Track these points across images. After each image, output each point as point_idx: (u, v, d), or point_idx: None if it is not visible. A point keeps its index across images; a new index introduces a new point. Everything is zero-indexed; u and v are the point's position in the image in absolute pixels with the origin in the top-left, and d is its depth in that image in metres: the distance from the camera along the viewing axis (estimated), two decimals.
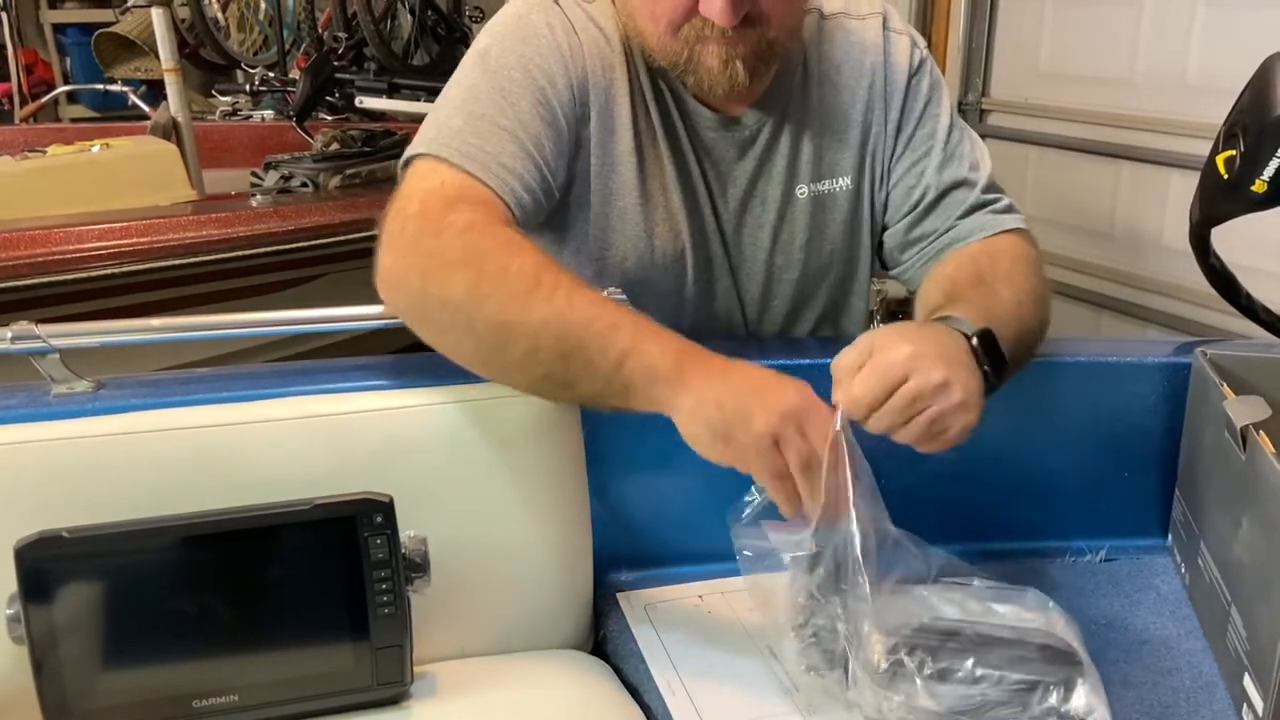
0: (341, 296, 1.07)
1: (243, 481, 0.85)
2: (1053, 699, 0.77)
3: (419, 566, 0.84)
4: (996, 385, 0.87)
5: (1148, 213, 2.58)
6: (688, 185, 1.07)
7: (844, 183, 1.11)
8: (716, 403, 0.79)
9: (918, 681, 0.77)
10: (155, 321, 0.97)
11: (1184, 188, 2.39)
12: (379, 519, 0.81)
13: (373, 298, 1.07)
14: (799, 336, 1.17)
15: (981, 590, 0.86)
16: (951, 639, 0.79)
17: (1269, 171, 1.02)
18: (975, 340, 0.86)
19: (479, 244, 0.87)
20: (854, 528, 0.79)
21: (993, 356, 0.86)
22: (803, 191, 1.10)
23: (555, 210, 1.06)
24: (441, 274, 0.86)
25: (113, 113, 4.43)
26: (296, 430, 0.89)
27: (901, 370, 0.80)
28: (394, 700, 0.85)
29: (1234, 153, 1.03)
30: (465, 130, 0.96)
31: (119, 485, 0.84)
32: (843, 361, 0.83)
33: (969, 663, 0.77)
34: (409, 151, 0.99)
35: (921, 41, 1.13)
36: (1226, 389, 0.91)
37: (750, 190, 1.10)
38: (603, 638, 0.99)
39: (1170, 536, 1.08)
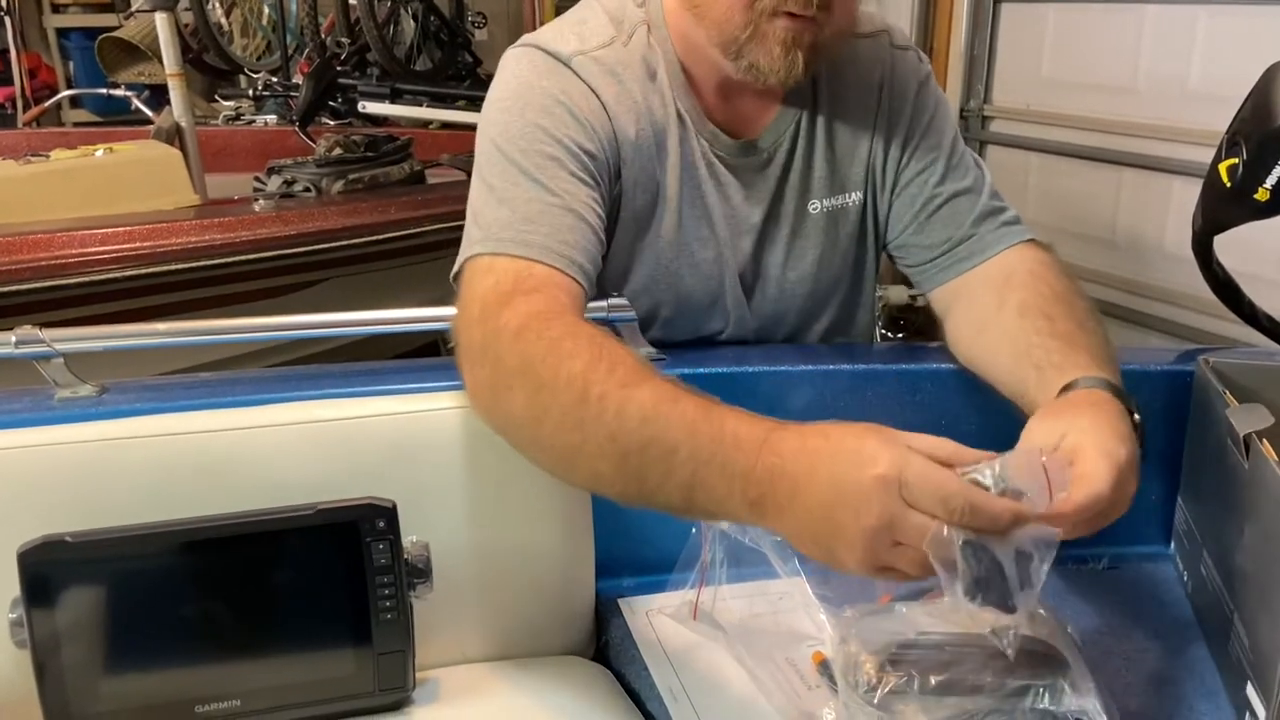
0: (344, 301, 1.07)
1: (246, 486, 0.85)
2: (1044, 701, 0.77)
3: (421, 572, 0.84)
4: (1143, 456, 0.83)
5: (1149, 220, 2.58)
6: (706, 217, 1.06)
7: (855, 197, 1.11)
8: (799, 540, 0.70)
9: (910, 699, 0.77)
10: (160, 326, 0.98)
11: (1186, 195, 2.39)
12: (382, 524, 0.81)
13: (374, 303, 1.07)
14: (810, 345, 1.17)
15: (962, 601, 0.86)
16: (937, 653, 0.79)
17: (1271, 180, 1.02)
18: (1136, 419, 0.82)
19: (531, 349, 0.80)
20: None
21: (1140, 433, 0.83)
22: (815, 207, 1.10)
23: None
24: (503, 388, 0.81)
25: (116, 118, 4.44)
26: (300, 435, 0.89)
27: (1114, 496, 0.74)
28: (396, 706, 0.85)
29: (1236, 161, 1.03)
30: (515, 219, 0.91)
31: (122, 490, 0.84)
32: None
33: (957, 676, 0.77)
34: (461, 259, 0.93)
35: (925, 58, 1.14)
36: (1229, 397, 0.91)
37: (767, 212, 1.09)
38: (604, 644, 0.99)
39: (1173, 544, 1.08)
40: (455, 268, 0.94)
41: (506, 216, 0.91)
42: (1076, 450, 0.76)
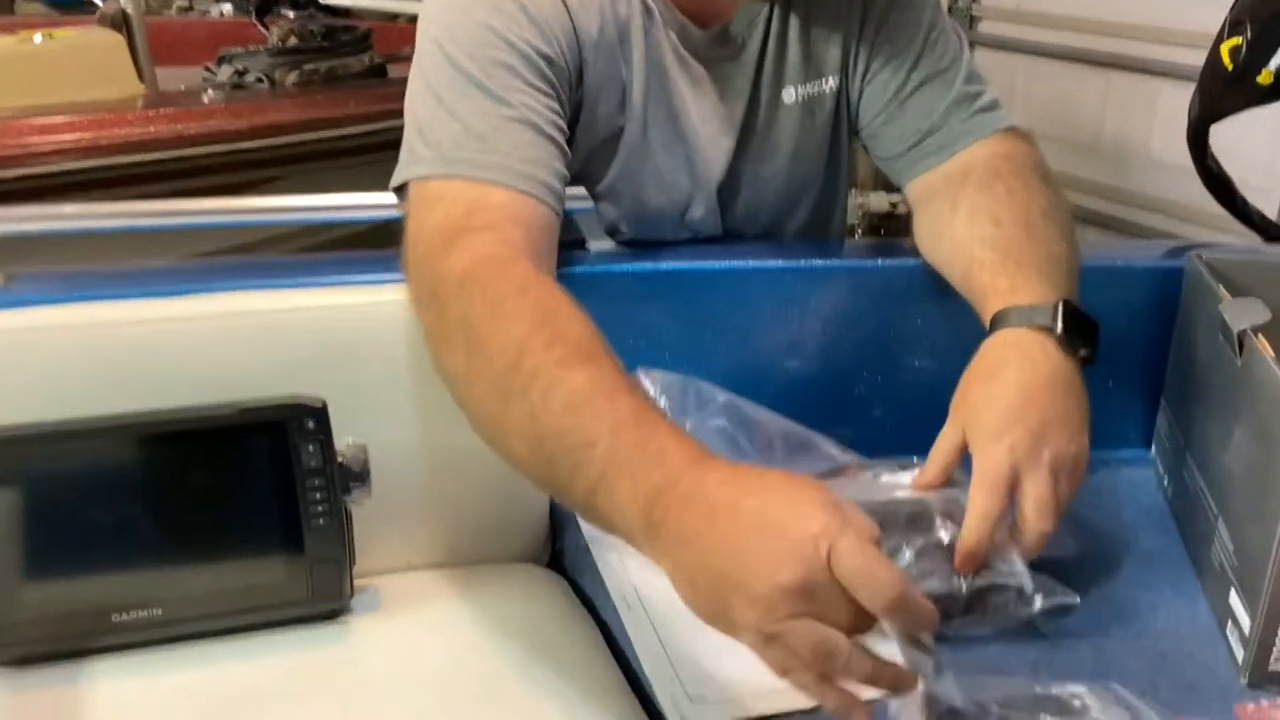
0: None
1: (167, 383, 0.78)
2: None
3: (358, 475, 0.79)
4: (1091, 357, 0.82)
5: (1136, 125, 2.52)
6: (673, 120, 0.98)
7: (832, 82, 1.03)
8: (692, 581, 0.59)
9: None
10: (67, 208, 0.90)
11: (1175, 99, 2.32)
12: (311, 424, 0.76)
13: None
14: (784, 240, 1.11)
15: (886, 467, 0.85)
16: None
17: (1275, 61, 0.96)
18: (1060, 328, 0.81)
19: (472, 305, 0.73)
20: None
21: (1082, 326, 0.81)
22: (790, 96, 1.02)
23: None
24: (444, 340, 0.75)
25: (72, 13, 4.25)
26: (226, 328, 0.82)
27: (1005, 484, 0.76)
28: (331, 615, 0.80)
29: (1239, 41, 0.97)
30: (467, 136, 0.82)
31: (29, 386, 0.77)
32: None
33: (892, 542, 0.76)
34: (404, 175, 0.84)
35: None
36: (1223, 291, 0.86)
37: (741, 102, 1.01)
38: (559, 550, 0.94)
39: (1153, 448, 1.04)
40: (397, 181, 0.86)
41: (457, 132, 0.82)
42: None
